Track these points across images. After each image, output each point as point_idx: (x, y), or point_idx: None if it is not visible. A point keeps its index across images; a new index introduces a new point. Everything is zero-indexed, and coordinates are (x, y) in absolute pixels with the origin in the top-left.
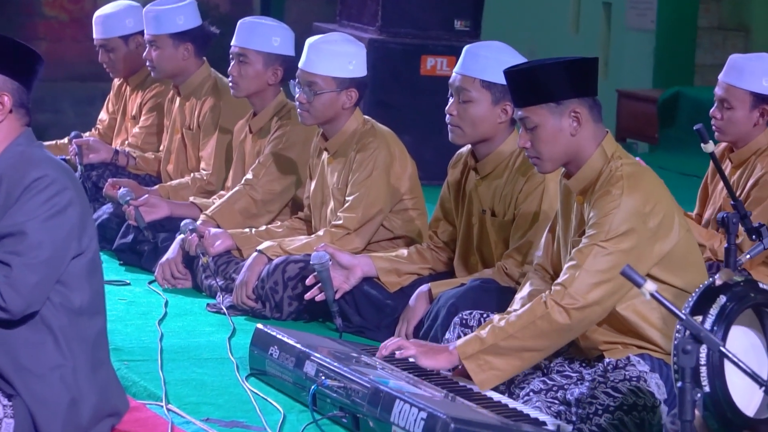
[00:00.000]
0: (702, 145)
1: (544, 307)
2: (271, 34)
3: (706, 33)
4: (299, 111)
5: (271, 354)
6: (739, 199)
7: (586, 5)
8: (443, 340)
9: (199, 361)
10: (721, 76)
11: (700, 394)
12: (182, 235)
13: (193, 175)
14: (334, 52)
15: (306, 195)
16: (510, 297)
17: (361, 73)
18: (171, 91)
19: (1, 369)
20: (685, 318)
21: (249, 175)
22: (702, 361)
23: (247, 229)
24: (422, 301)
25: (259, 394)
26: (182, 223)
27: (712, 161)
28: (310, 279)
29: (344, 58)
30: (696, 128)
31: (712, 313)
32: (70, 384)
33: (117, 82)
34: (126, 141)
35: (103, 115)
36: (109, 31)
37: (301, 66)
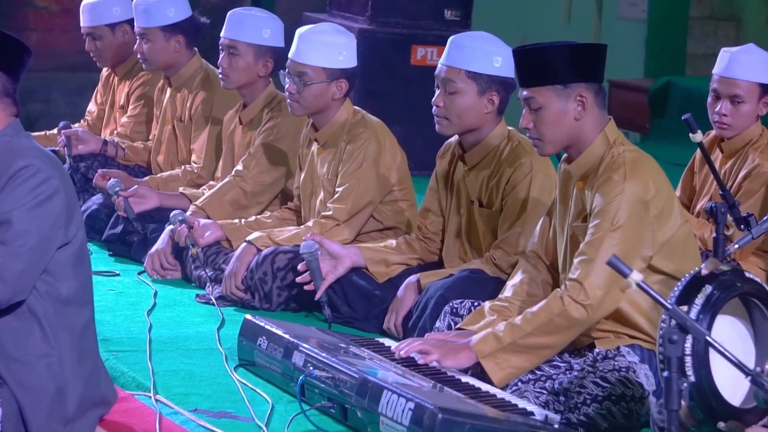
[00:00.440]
0: (690, 135)
1: (561, 303)
2: (261, 26)
3: (698, 23)
4: (289, 101)
5: (260, 344)
6: (727, 188)
7: None
8: (433, 330)
9: (188, 352)
10: (726, 72)
11: (686, 384)
12: (171, 226)
13: (183, 168)
14: (325, 42)
15: (295, 186)
16: (498, 287)
17: (351, 63)
18: (161, 80)
19: None
20: (670, 308)
21: (239, 167)
22: (687, 351)
23: (237, 220)
24: (411, 292)
25: (248, 384)
26: (172, 214)
27: (701, 151)
28: (302, 266)
29: (334, 48)
30: (684, 118)
31: (698, 302)
32: (56, 373)
33: (105, 72)
34: (115, 131)
35: (92, 107)
36: (96, 19)
37: (291, 56)
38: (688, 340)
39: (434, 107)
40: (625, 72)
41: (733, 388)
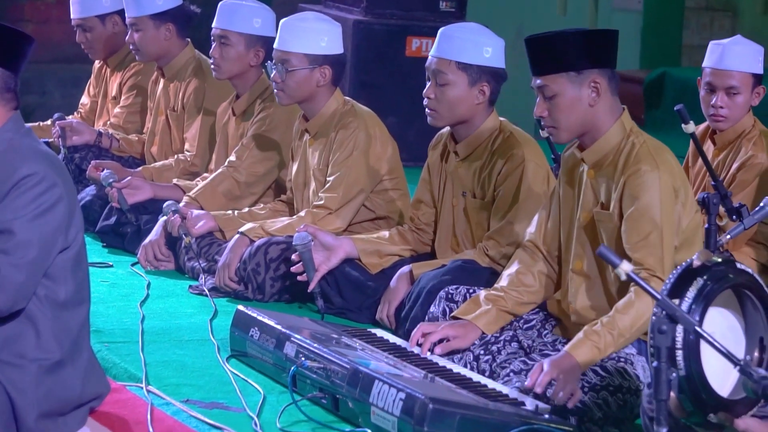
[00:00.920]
0: (683, 126)
1: (651, 301)
2: (252, 16)
3: (694, 14)
4: (275, 91)
5: (252, 335)
6: (720, 179)
7: None
8: (427, 315)
9: (181, 343)
10: (719, 64)
11: (676, 375)
12: (165, 217)
13: (176, 157)
14: (306, 28)
15: (288, 178)
16: (491, 277)
17: (335, 50)
18: (155, 72)
19: None
20: (660, 298)
21: (232, 157)
22: (678, 343)
23: (230, 211)
24: (403, 282)
25: (240, 375)
26: (165, 205)
27: (693, 142)
28: (295, 256)
29: (315, 34)
30: (677, 109)
31: (691, 294)
32: (48, 376)
33: (97, 64)
34: (108, 122)
35: (85, 99)
36: (86, 11)
37: (275, 46)
38: (680, 332)
39: (425, 99)
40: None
41: (723, 380)
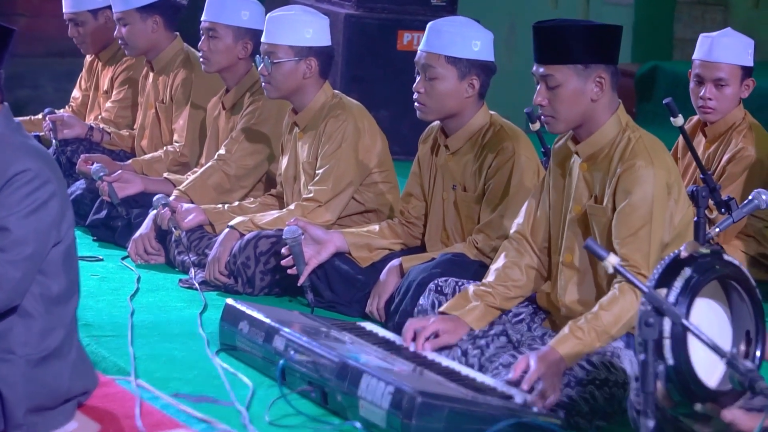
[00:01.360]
0: (672, 119)
1: (635, 296)
2: (239, 8)
3: (686, 7)
4: (263, 84)
5: (241, 329)
6: (709, 172)
7: None
8: (416, 307)
9: (170, 337)
10: (708, 56)
11: (663, 366)
12: (155, 211)
13: (166, 148)
14: (291, 20)
15: (278, 171)
16: (481, 270)
17: (321, 42)
18: (144, 67)
19: None
20: (647, 291)
21: (222, 151)
22: (665, 334)
23: (220, 205)
24: (393, 276)
25: (229, 369)
26: (155, 198)
27: (682, 135)
28: (285, 250)
29: (300, 26)
30: (665, 102)
31: (677, 285)
32: (38, 370)
33: (89, 58)
34: (99, 116)
35: (76, 93)
36: (79, 5)
37: (262, 39)
38: (667, 323)
39: (415, 93)
40: None
41: (710, 371)
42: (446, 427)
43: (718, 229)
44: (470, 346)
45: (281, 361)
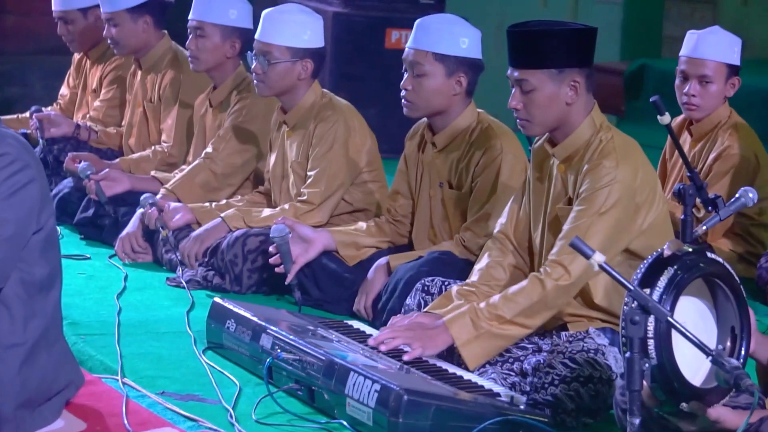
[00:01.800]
0: (659, 117)
1: (542, 288)
2: (227, 7)
3: (675, 5)
4: (255, 82)
5: (228, 327)
6: (695, 170)
7: None
8: (403, 307)
9: (157, 335)
10: (694, 53)
11: (648, 365)
12: (142, 209)
13: (154, 148)
14: (289, 21)
15: (266, 169)
16: (468, 268)
17: (317, 43)
18: (132, 65)
19: None
20: (632, 289)
21: (209, 149)
22: (650, 333)
23: (208, 203)
24: (381, 274)
25: (216, 367)
26: (142, 197)
27: (669, 133)
28: (273, 248)
29: (299, 27)
30: (652, 100)
31: (661, 283)
32: (25, 362)
33: (77, 56)
34: (87, 115)
35: (64, 90)
36: (68, 3)
37: (257, 37)
38: (651, 322)
39: (402, 91)
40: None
41: (695, 369)
42: (433, 424)
43: (705, 227)
44: None
45: (268, 360)
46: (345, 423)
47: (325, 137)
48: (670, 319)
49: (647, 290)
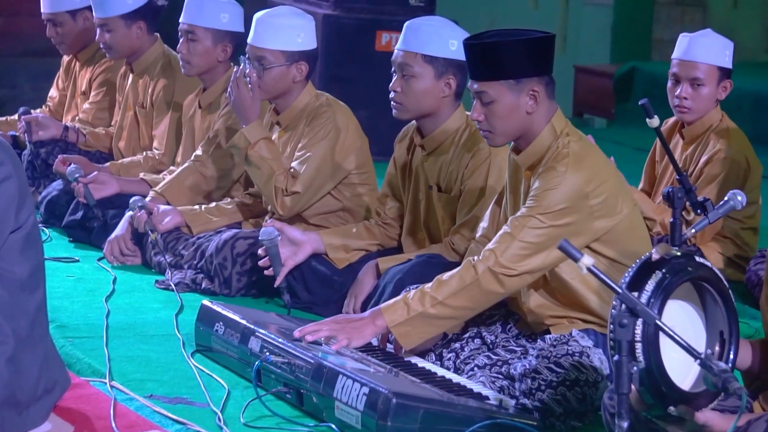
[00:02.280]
0: (647, 120)
1: (474, 272)
2: (219, 10)
3: (664, 8)
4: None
5: (217, 330)
6: (684, 173)
7: None
8: None
9: (145, 338)
10: (685, 56)
11: (636, 368)
12: (131, 212)
13: (145, 154)
14: (282, 25)
15: None
16: None
17: (311, 45)
18: (123, 67)
19: None
20: (621, 291)
21: (199, 151)
22: (638, 337)
23: (197, 207)
24: (370, 277)
25: (204, 370)
26: (131, 200)
27: (658, 136)
28: (262, 251)
29: (292, 31)
30: (641, 103)
31: (649, 286)
32: (9, 362)
33: (66, 58)
34: (76, 117)
35: (53, 92)
36: (57, 5)
37: (249, 41)
38: (639, 325)
39: (391, 92)
40: (592, 57)
41: (683, 373)
42: (421, 428)
43: (694, 230)
44: (444, 350)
45: (257, 363)
46: (333, 426)
47: (314, 132)
48: (658, 322)
49: (635, 293)
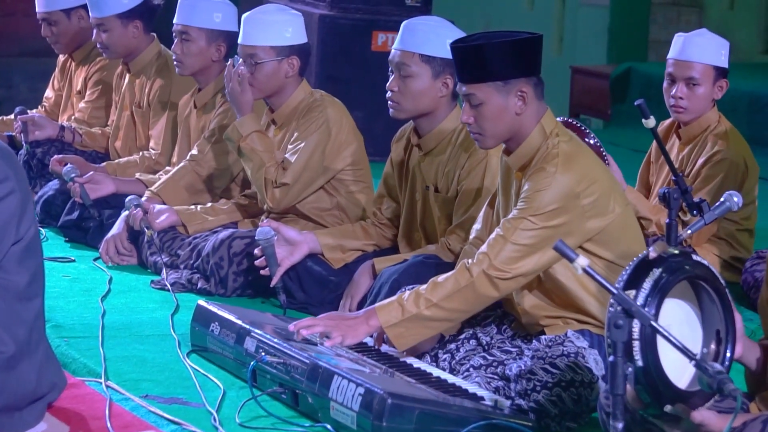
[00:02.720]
0: (643, 121)
1: (469, 275)
2: (212, 10)
3: (661, 9)
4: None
5: (212, 330)
6: (680, 174)
7: None
8: None
9: (141, 338)
10: (681, 55)
11: (632, 368)
12: (127, 212)
13: (141, 154)
14: (269, 21)
15: None
16: None
17: (300, 40)
18: (119, 66)
19: None
20: (616, 292)
21: (194, 151)
22: (635, 336)
23: (193, 206)
24: (366, 277)
25: (200, 370)
26: (127, 199)
27: (654, 137)
28: (258, 251)
29: (280, 26)
30: (637, 104)
31: (646, 285)
32: (4, 370)
33: (62, 58)
34: (72, 116)
35: (49, 93)
36: (51, 5)
37: (240, 41)
38: (636, 324)
39: (388, 92)
40: (588, 58)
41: (680, 372)
42: (417, 428)
43: (690, 231)
44: (440, 351)
45: (252, 363)
46: (329, 426)
47: (306, 126)
48: (654, 324)
49: (632, 292)
